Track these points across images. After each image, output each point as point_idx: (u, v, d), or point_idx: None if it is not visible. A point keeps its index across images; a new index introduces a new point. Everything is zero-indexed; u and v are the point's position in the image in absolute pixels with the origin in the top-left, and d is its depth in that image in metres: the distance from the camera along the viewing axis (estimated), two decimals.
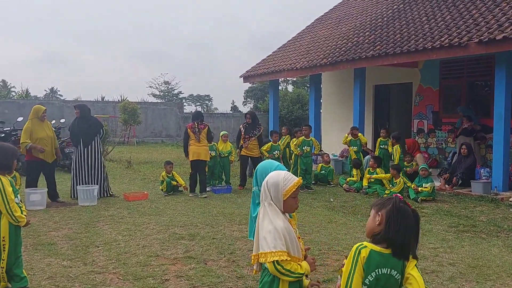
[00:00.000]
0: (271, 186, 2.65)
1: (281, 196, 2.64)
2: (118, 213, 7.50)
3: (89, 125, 9.01)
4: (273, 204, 2.63)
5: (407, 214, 2.40)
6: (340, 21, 16.03)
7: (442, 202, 8.73)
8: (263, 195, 2.67)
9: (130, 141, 22.88)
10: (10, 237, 4.01)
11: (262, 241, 2.56)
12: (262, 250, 2.55)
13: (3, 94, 31.87)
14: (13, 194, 3.96)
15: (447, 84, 12.90)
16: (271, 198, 2.64)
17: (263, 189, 2.68)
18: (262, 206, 2.66)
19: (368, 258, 2.32)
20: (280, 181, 2.66)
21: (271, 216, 2.59)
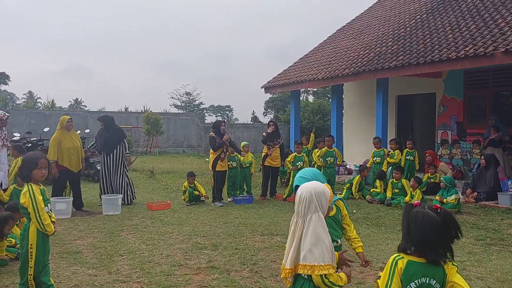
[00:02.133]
0: (320, 195, 2.64)
1: (327, 203, 2.67)
2: (142, 223, 7.57)
3: (111, 134, 9.26)
4: (321, 215, 2.62)
5: (421, 217, 2.35)
6: (362, 31, 15.99)
7: (468, 214, 8.55)
8: (308, 207, 2.62)
9: (152, 151, 23.13)
10: (37, 245, 4.05)
11: (307, 253, 2.55)
12: (307, 262, 2.54)
13: (30, 105, 32.67)
14: (43, 202, 4.02)
15: (471, 94, 12.71)
16: (319, 208, 2.62)
17: (308, 201, 2.63)
18: (305, 217, 2.62)
19: (406, 269, 2.31)
20: (324, 188, 2.69)
21: (319, 228, 2.58)
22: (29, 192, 4.00)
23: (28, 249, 4.03)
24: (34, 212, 3.97)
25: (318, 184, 2.73)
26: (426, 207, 2.38)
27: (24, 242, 4.06)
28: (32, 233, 4.03)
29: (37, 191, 4.04)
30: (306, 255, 2.55)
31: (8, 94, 51.48)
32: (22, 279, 4.10)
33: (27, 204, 4.00)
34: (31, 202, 3.97)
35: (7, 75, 63.96)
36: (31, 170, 4.07)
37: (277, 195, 10.43)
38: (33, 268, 4.05)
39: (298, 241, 2.62)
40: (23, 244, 4.08)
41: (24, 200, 4.01)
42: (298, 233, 2.63)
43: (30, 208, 3.97)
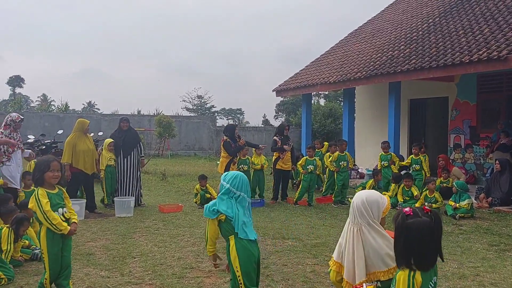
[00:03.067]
0: (372, 204, 2.66)
1: (380, 214, 2.68)
2: (154, 225, 7.62)
3: (130, 136, 9.39)
4: (376, 221, 2.64)
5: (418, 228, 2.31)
6: (374, 35, 15.94)
7: (482, 219, 8.47)
8: (361, 215, 2.64)
9: (164, 154, 23.27)
10: (48, 249, 4.08)
11: (386, 258, 2.59)
12: (390, 267, 2.60)
13: (44, 108, 33.06)
14: (48, 204, 4.03)
15: (485, 99, 12.60)
16: (372, 216, 2.64)
17: (359, 209, 2.65)
18: (361, 226, 2.64)
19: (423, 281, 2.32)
20: (379, 199, 2.69)
21: (381, 231, 2.62)
22: (35, 196, 4.05)
23: (42, 254, 4.10)
24: (42, 215, 4.02)
25: (373, 193, 2.74)
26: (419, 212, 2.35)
27: (40, 247, 4.14)
28: (43, 238, 4.08)
29: (42, 194, 4.06)
30: (386, 260, 2.60)
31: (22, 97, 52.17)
32: (40, 281, 4.17)
33: (34, 208, 4.05)
34: (37, 206, 4.02)
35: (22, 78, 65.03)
36: (43, 172, 4.12)
37: (288, 199, 10.43)
38: (48, 272, 4.09)
39: (361, 252, 2.64)
40: (40, 249, 4.16)
41: (31, 204, 4.07)
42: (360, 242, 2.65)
43: (38, 212, 4.03)
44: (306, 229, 7.47)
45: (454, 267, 5.42)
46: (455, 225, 8.00)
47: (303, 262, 5.60)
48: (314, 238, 6.81)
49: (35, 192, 4.10)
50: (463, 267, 5.46)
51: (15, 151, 7.81)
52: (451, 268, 5.39)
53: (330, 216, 8.86)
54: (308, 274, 5.15)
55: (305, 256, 5.83)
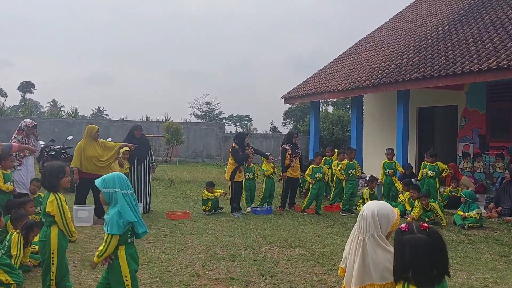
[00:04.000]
0: (383, 218, 2.67)
1: (389, 228, 2.69)
2: (161, 232, 7.64)
3: (142, 143, 9.48)
4: (382, 235, 2.66)
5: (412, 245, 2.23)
6: (383, 43, 15.94)
7: (491, 229, 8.40)
8: (368, 227, 2.66)
9: (172, 160, 23.34)
10: (59, 250, 4.20)
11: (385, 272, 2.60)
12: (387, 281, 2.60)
13: (54, 114, 33.34)
14: (68, 211, 4.19)
15: (494, 107, 12.53)
16: (380, 230, 2.66)
17: (368, 221, 2.67)
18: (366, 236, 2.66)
19: None
20: (390, 213, 2.70)
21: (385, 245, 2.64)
22: (57, 201, 4.18)
23: (50, 255, 4.15)
24: (62, 220, 4.17)
25: (385, 206, 2.74)
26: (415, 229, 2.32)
27: (45, 249, 4.18)
28: (54, 239, 4.17)
29: (64, 200, 4.22)
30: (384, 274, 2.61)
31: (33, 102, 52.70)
32: (45, 285, 4.21)
33: (54, 212, 4.15)
34: (59, 210, 4.15)
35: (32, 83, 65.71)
36: (60, 178, 4.26)
37: (296, 207, 10.41)
38: (55, 273, 4.17)
39: (361, 260, 2.66)
40: (44, 251, 4.20)
41: (51, 208, 4.15)
42: (361, 251, 2.67)
43: (58, 217, 4.15)
44: (314, 238, 7.46)
45: (463, 278, 5.38)
46: (463, 235, 7.95)
47: (310, 270, 5.58)
48: (322, 247, 6.79)
49: (55, 197, 4.19)
50: (471, 277, 5.41)
51: (27, 156, 7.90)
52: (460, 278, 5.36)
53: (337, 224, 8.84)
54: (315, 283, 5.14)
55: (312, 265, 5.82)
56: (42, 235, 4.22)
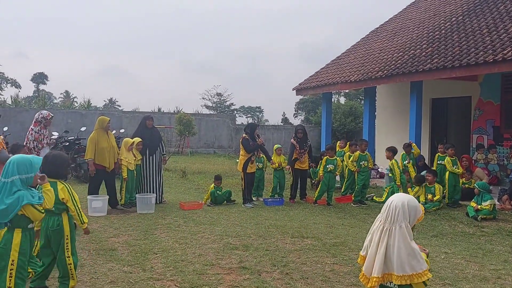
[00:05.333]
0: (412, 209, 2.73)
1: (415, 221, 2.76)
2: (175, 222, 7.73)
3: (154, 134, 9.56)
4: (409, 226, 2.72)
5: None
6: (396, 33, 15.79)
7: (504, 221, 8.35)
8: (399, 216, 2.70)
9: (184, 151, 23.47)
10: (71, 235, 4.36)
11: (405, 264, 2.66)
12: (405, 273, 2.66)
13: (67, 105, 33.63)
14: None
15: (509, 98, 12.38)
16: (408, 220, 2.71)
17: (397, 210, 2.71)
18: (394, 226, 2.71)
19: None
20: (418, 206, 2.77)
21: (409, 238, 2.69)
22: (67, 188, 4.35)
23: (64, 241, 4.28)
24: (74, 206, 4.35)
25: (414, 199, 2.82)
26: None
27: (60, 236, 4.28)
28: (66, 225, 4.34)
29: (72, 188, 4.41)
30: (404, 266, 2.66)
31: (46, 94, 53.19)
32: (63, 271, 4.31)
33: (67, 198, 4.31)
34: (71, 198, 4.33)
35: (46, 75, 66.33)
36: (67, 167, 4.50)
37: (307, 198, 10.44)
38: (70, 257, 4.31)
39: (384, 249, 2.70)
40: (57, 239, 4.29)
41: (64, 195, 4.29)
42: (385, 240, 2.71)
43: (70, 203, 4.32)
44: (325, 229, 7.49)
45: (475, 269, 5.38)
46: (476, 227, 7.91)
47: (322, 261, 5.62)
48: (333, 238, 6.82)
49: (64, 185, 4.36)
50: (484, 269, 5.41)
51: (44, 147, 8.02)
52: (472, 270, 5.35)
53: (349, 215, 8.85)
54: (327, 273, 5.17)
55: (324, 255, 5.85)
56: (54, 223, 4.30)
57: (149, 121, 9.65)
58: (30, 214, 3.80)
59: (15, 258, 3.74)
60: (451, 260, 5.78)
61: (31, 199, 3.76)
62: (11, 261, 3.73)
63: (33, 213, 3.81)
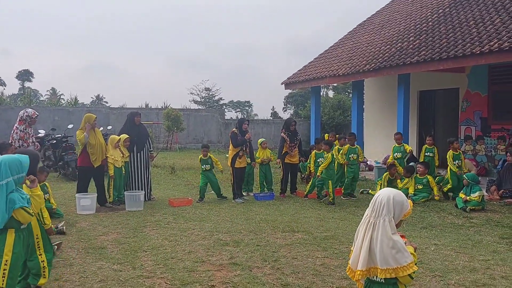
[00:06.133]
0: (397, 204, 2.74)
1: (401, 216, 2.75)
2: (164, 219, 7.67)
3: (141, 131, 9.47)
4: (393, 221, 2.71)
5: None
6: (383, 26, 15.81)
7: (492, 212, 8.43)
8: (383, 210, 2.71)
9: (172, 147, 23.33)
10: (41, 234, 4.32)
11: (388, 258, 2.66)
12: (389, 266, 2.66)
13: (54, 102, 33.26)
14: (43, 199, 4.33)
15: (496, 90, 12.47)
16: (392, 215, 2.71)
17: (382, 204, 2.72)
18: (378, 220, 2.71)
19: None
20: (404, 201, 2.77)
21: (392, 231, 2.69)
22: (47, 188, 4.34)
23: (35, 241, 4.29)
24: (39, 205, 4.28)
25: (401, 194, 2.81)
26: None
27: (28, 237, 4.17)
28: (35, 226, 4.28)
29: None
30: (387, 259, 2.67)
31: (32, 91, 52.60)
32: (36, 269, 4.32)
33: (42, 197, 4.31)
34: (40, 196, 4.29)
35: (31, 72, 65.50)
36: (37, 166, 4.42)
37: (298, 192, 10.44)
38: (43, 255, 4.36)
39: (368, 243, 2.71)
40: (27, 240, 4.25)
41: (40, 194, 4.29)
42: (369, 234, 2.72)
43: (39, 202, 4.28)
44: (316, 222, 7.49)
45: (465, 261, 5.41)
46: (465, 218, 7.97)
47: (313, 255, 5.61)
48: (324, 231, 6.82)
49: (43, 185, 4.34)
50: (473, 260, 5.44)
51: (30, 146, 7.90)
52: (462, 261, 5.39)
53: (339, 209, 8.86)
54: (318, 267, 5.17)
55: (315, 249, 5.85)
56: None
57: (137, 118, 9.55)
58: (21, 217, 3.71)
59: (9, 258, 3.68)
60: (441, 251, 5.81)
61: (22, 202, 3.68)
62: (4, 261, 3.67)
63: (24, 216, 3.74)
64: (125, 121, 9.78)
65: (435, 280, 4.75)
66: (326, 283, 4.68)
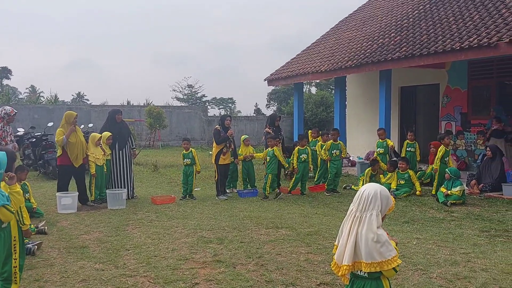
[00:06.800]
0: (384, 198, 2.74)
1: (386, 210, 2.77)
2: (147, 217, 7.60)
3: (123, 128, 9.36)
4: (380, 215, 2.72)
5: None
6: (365, 22, 15.91)
7: (473, 205, 8.56)
8: (370, 204, 2.72)
9: (155, 145, 23.17)
10: (19, 237, 4.14)
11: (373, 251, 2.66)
12: (374, 260, 2.66)
13: (33, 100, 32.71)
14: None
15: (476, 85, 12.66)
16: (379, 209, 2.71)
17: (372, 198, 2.72)
18: (364, 214, 2.71)
19: None
20: (389, 195, 2.79)
21: (378, 225, 2.69)
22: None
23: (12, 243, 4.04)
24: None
25: (385, 189, 2.83)
26: None
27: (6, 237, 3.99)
28: (14, 225, 4.09)
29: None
30: (372, 253, 2.66)
31: (10, 89, 51.59)
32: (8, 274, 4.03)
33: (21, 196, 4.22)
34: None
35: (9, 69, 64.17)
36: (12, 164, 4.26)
37: (281, 188, 10.45)
38: (17, 260, 4.11)
39: (354, 237, 2.71)
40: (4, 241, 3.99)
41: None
42: (355, 228, 2.72)
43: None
44: (299, 218, 7.51)
45: (446, 254, 5.48)
46: (446, 212, 8.08)
47: (297, 251, 5.62)
48: (307, 227, 6.84)
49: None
50: (455, 253, 5.51)
51: (8, 144, 7.75)
52: (443, 254, 5.45)
53: (322, 204, 8.90)
54: (302, 262, 5.17)
55: (299, 245, 5.86)
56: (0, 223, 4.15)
57: (118, 116, 9.43)
58: (2, 216, 3.61)
59: None
60: (422, 245, 5.87)
61: (3, 200, 3.58)
62: None
63: (5, 215, 3.64)
64: (107, 118, 9.66)
65: (418, 274, 4.79)
66: (310, 279, 4.69)
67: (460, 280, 4.59)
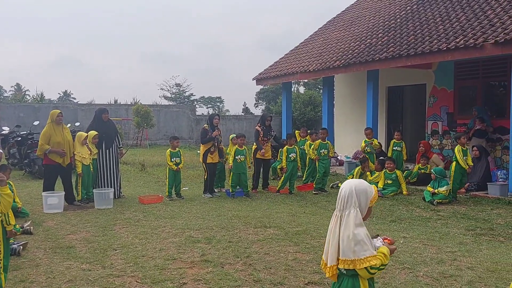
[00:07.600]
0: (361, 193, 2.71)
1: (368, 203, 2.73)
2: (134, 216, 7.56)
3: (110, 127, 9.29)
4: (359, 211, 2.69)
5: None
6: (352, 22, 15.98)
7: (459, 204, 8.66)
8: (347, 202, 2.70)
9: (142, 144, 23.03)
10: (3, 237, 4.12)
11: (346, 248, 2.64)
12: (347, 257, 2.63)
13: (18, 98, 32.30)
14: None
15: (462, 85, 12.78)
16: (358, 205, 2.69)
17: (348, 196, 2.71)
18: (343, 212, 2.70)
19: None
20: (367, 188, 2.75)
21: (357, 223, 2.66)
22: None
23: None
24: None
25: (362, 182, 2.79)
26: None
27: None
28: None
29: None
30: (345, 250, 2.64)
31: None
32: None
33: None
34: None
35: None
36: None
37: (270, 187, 10.47)
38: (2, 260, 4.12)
39: (337, 237, 2.69)
40: None
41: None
42: (336, 228, 2.71)
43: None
44: (288, 217, 7.52)
45: (432, 253, 5.53)
46: (433, 211, 8.16)
47: (285, 250, 5.63)
48: (296, 226, 6.85)
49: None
50: (441, 252, 5.57)
51: None
52: (430, 253, 5.50)
53: (311, 203, 8.93)
54: (290, 262, 5.18)
55: (287, 244, 5.87)
56: None
57: (105, 115, 9.35)
58: None
59: None
60: (409, 244, 5.92)
61: None
62: None
63: None
64: (93, 118, 9.58)
65: (404, 272, 4.83)
66: (298, 278, 4.70)
67: (446, 279, 4.64)
